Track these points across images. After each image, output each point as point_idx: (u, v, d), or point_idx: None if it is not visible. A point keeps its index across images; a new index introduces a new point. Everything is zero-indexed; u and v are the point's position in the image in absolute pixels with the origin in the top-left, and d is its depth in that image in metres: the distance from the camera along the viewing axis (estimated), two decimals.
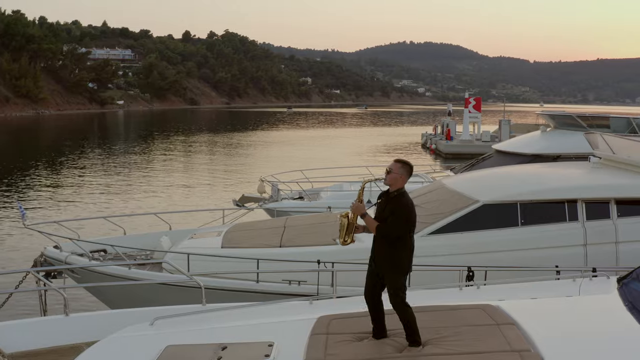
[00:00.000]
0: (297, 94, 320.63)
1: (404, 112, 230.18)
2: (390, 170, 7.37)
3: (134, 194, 34.70)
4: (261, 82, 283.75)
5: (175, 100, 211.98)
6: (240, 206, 22.08)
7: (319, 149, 67.37)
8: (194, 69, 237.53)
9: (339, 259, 12.08)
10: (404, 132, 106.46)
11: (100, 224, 17.81)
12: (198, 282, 9.36)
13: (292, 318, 8.15)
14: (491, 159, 23.90)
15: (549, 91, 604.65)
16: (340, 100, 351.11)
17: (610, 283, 9.04)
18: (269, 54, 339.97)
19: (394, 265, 7.27)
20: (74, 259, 13.58)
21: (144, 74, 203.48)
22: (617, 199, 13.18)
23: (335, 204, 19.56)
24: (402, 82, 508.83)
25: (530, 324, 7.44)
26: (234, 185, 38.72)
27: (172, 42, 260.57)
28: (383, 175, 7.56)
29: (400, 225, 7.22)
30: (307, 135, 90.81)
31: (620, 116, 26.02)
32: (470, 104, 67.58)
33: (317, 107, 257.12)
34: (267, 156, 58.07)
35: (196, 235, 14.86)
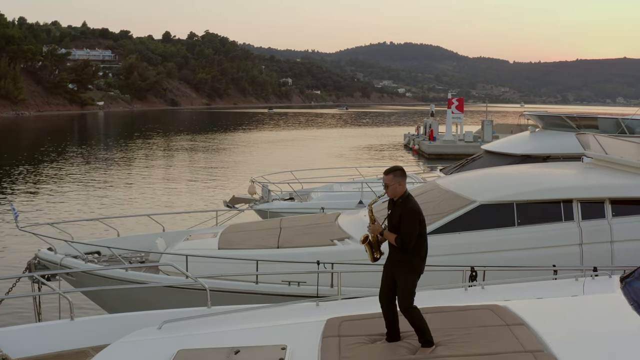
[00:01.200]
0: (278, 95, 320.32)
1: (384, 112, 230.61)
2: (387, 185, 7.51)
3: (124, 195, 34.56)
4: (241, 83, 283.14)
5: (156, 101, 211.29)
6: (231, 207, 22.04)
7: (303, 150, 67.37)
8: (174, 70, 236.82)
9: (338, 260, 12.11)
10: (386, 132, 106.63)
11: (93, 225, 17.76)
12: (203, 285, 9.31)
13: (301, 320, 8.14)
14: (481, 159, 23.97)
15: (528, 91, 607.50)
16: (321, 101, 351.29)
17: (612, 282, 9.10)
18: (249, 54, 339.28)
19: (407, 267, 7.36)
20: (69, 262, 13.48)
21: (124, 74, 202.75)
22: (612, 198, 13.29)
23: (327, 205, 19.59)
24: (383, 83, 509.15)
25: (539, 324, 7.48)
26: (222, 186, 38.69)
27: (152, 43, 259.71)
28: (381, 189, 7.75)
29: (414, 228, 7.31)
30: (291, 137, 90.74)
31: (608, 117, 26.17)
32: (453, 104, 67.75)
33: (298, 108, 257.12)
34: (253, 157, 57.95)
35: (191, 237, 14.80)
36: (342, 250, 12.89)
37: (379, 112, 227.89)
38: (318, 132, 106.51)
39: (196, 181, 41.02)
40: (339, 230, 14.17)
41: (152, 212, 18.00)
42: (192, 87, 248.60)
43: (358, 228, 14.09)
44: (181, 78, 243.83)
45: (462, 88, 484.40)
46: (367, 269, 11.48)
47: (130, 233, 16.78)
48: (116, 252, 13.61)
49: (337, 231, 14.09)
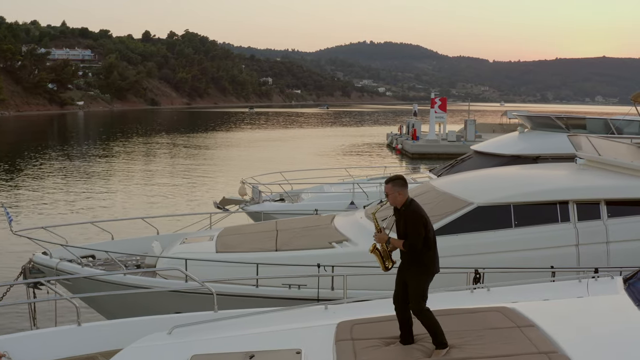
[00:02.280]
0: (258, 94, 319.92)
1: (365, 111, 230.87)
2: (387, 194, 7.70)
3: (114, 198, 34.39)
4: (222, 82, 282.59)
5: (136, 100, 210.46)
6: (221, 208, 22.00)
7: (288, 150, 67.34)
8: (154, 69, 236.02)
9: (338, 262, 12.13)
10: (368, 132, 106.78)
11: (85, 228, 17.64)
12: (209, 289, 9.29)
13: (312, 324, 8.15)
14: (470, 160, 24.02)
15: (508, 90, 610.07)
16: (301, 100, 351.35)
17: (615, 283, 9.19)
18: (230, 54, 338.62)
19: (417, 269, 7.47)
20: (65, 266, 13.42)
21: (104, 74, 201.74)
22: (607, 200, 13.42)
23: (318, 206, 19.62)
24: (363, 82, 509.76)
25: (549, 325, 7.56)
26: (210, 187, 38.65)
27: (132, 42, 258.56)
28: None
29: (420, 231, 7.44)
30: (274, 136, 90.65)
31: (597, 117, 26.35)
32: (436, 104, 67.95)
33: (278, 107, 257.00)
34: (239, 158, 57.82)
35: (188, 240, 14.74)
36: (342, 253, 12.91)
37: (360, 112, 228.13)
38: (301, 131, 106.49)
39: (184, 183, 40.87)
40: (337, 232, 14.19)
41: (145, 215, 17.88)
42: (172, 86, 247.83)
43: (355, 230, 14.12)
44: (161, 77, 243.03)
45: (442, 87, 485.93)
46: (373, 272, 11.54)
47: (124, 236, 16.66)
48: (113, 255, 13.53)
49: (334, 233, 14.11)
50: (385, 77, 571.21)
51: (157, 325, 8.49)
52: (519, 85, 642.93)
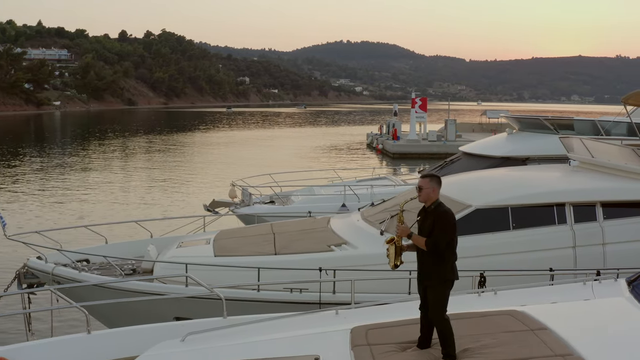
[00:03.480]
0: (235, 94, 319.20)
1: (342, 111, 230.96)
2: (422, 188, 7.56)
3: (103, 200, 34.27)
4: (199, 82, 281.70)
5: (113, 100, 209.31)
6: (211, 211, 21.97)
7: (270, 151, 67.33)
8: (131, 69, 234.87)
9: (339, 266, 12.14)
10: (348, 131, 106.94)
11: (78, 232, 17.52)
12: (219, 295, 9.26)
13: (325, 329, 8.16)
14: (459, 161, 24.10)
15: (485, 89, 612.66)
16: (279, 100, 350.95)
17: (619, 285, 9.30)
18: (206, 53, 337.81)
19: (439, 278, 7.42)
20: (60, 271, 13.32)
21: (81, 74, 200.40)
22: (603, 202, 13.54)
23: (309, 208, 19.67)
24: (340, 81, 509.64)
25: (561, 328, 7.65)
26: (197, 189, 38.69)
27: (108, 42, 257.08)
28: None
29: (447, 233, 7.37)
30: (254, 137, 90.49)
31: (585, 119, 26.57)
32: (417, 104, 68.16)
33: (256, 107, 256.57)
34: (222, 159, 57.64)
35: (184, 244, 14.67)
36: (343, 256, 12.92)
37: (337, 111, 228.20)
38: (280, 131, 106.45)
39: (171, 185, 40.73)
40: (334, 235, 14.20)
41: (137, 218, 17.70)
42: (149, 86, 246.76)
43: (353, 233, 14.16)
44: (138, 77, 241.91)
45: (419, 86, 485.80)
46: (380, 277, 11.59)
47: (117, 240, 16.59)
48: (110, 260, 13.48)
49: (332, 236, 14.13)
50: (362, 77, 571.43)
51: (168, 332, 8.46)
52: (496, 85, 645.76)
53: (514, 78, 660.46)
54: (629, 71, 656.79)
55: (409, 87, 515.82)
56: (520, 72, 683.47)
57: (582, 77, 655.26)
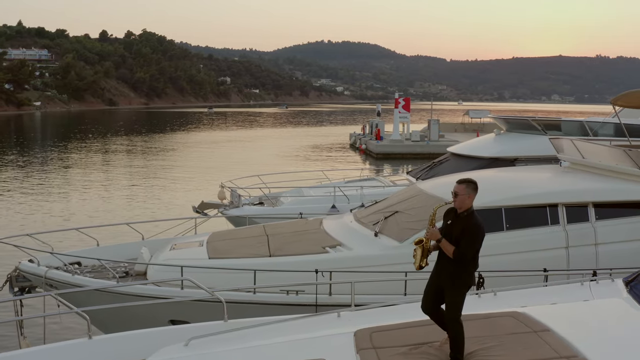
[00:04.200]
0: (216, 94, 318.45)
1: (324, 111, 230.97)
2: (457, 194, 7.44)
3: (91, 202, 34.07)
4: (180, 82, 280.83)
5: (93, 101, 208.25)
6: (200, 213, 21.90)
7: (254, 151, 67.22)
8: (111, 69, 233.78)
9: (336, 268, 12.14)
10: (330, 132, 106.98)
11: (69, 235, 17.39)
12: (220, 298, 9.23)
13: (328, 333, 8.17)
14: (448, 162, 24.21)
15: (465, 89, 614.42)
16: (260, 100, 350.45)
17: (617, 285, 9.38)
18: (187, 53, 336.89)
19: (457, 281, 7.40)
20: (53, 274, 13.24)
21: (61, 74, 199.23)
22: (595, 202, 13.67)
23: (300, 210, 19.68)
24: (321, 81, 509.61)
25: (564, 329, 7.71)
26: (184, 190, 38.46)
27: (89, 42, 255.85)
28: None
29: (474, 246, 7.33)
30: (237, 137, 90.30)
31: (572, 119, 26.76)
32: (400, 104, 68.24)
33: (237, 107, 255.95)
34: (207, 160, 57.40)
35: (177, 246, 14.60)
36: (339, 258, 12.92)
37: (319, 111, 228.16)
38: (263, 132, 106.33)
39: (157, 187, 40.48)
40: (328, 237, 14.21)
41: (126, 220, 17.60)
42: (130, 86, 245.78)
43: (347, 234, 14.17)
44: (119, 77, 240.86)
45: (400, 86, 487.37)
46: (381, 278, 11.62)
47: (108, 242, 16.49)
48: (104, 263, 13.41)
49: (326, 238, 14.13)
50: (343, 77, 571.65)
51: (170, 336, 8.42)
52: (476, 84, 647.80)
53: (494, 78, 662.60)
54: (609, 71, 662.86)
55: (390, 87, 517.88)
56: (501, 72, 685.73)
57: (563, 77, 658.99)
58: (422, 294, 11.03)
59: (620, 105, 17.65)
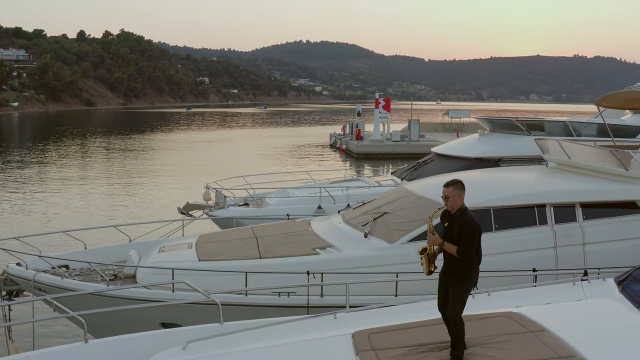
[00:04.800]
0: (195, 94, 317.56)
1: (302, 111, 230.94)
2: (448, 196, 7.71)
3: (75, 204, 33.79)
4: (158, 82, 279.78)
5: (71, 101, 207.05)
6: (185, 214, 21.85)
7: (234, 152, 67.12)
8: (89, 70, 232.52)
9: (327, 269, 12.17)
10: (310, 132, 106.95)
11: (54, 238, 17.30)
12: (216, 301, 9.21)
13: (326, 335, 8.18)
14: (432, 162, 24.29)
15: (444, 89, 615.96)
16: (238, 100, 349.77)
17: (608, 285, 9.48)
18: (166, 53, 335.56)
19: (460, 278, 7.60)
20: (42, 277, 13.14)
21: (39, 74, 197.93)
22: (582, 202, 13.79)
23: (286, 211, 19.66)
24: (299, 81, 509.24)
25: (559, 329, 7.79)
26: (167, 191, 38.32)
27: (67, 42, 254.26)
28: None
29: (474, 240, 7.59)
30: (217, 137, 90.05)
31: (555, 119, 26.95)
32: (380, 104, 68.40)
33: (215, 107, 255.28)
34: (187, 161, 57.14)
35: (166, 248, 14.55)
36: (330, 259, 12.93)
37: (298, 111, 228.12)
38: (242, 132, 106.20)
39: (140, 188, 40.25)
40: (318, 238, 14.22)
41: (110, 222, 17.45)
42: (108, 86, 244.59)
43: (336, 236, 14.19)
44: (97, 78, 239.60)
45: (379, 86, 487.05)
46: (375, 280, 11.66)
47: (95, 244, 16.40)
48: (94, 265, 13.36)
49: (316, 239, 14.13)
50: (321, 77, 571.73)
51: (167, 339, 8.41)
52: (455, 84, 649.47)
53: (472, 78, 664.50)
54: (587, 71, 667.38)
55: (368, 87, 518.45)
56: (479, 72, 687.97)
57: (540, 77, 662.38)
58: (415, 294, 11.20)
59: (604, 106, 17.80)
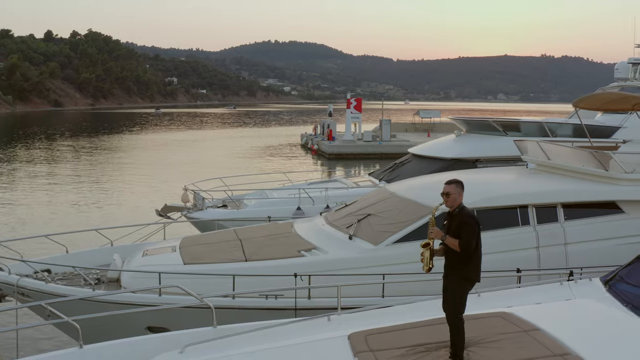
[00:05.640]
0: (163, 94, 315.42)
1: (272, 111, 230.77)
2: (449, 193, 8.01)
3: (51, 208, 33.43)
4: (126, 83, 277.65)
5: (39, 101, 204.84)
6: (164, 216, 21.79)
7: (207, 152, 66.83)
8: (57, 70, 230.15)
9: (314, 271, 12.23)
10: (280, 132, 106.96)
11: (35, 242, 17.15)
12: (209, 304, 9.21)
13: (321, 337, 8.25)
14: (410, 163, 24.41)
15: (412, 89, 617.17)
16: (207, 100, 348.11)
17: (594, 284, 9.67)
18: (134, 53, 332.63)
19: (461, 275, 7.77)
20: (26, 282, 13.06)
21: (6, 75, 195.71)
22: (563, 203, 14.01)
23: (265, 212, 19.76)
24: (268, 81, 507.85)
25: (552, 328, 7.95)
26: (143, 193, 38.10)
27: (34, 42, 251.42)
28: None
29: (474, 232, 7.77)
30: (188, 138, 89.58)
31: (531, 120, 27.23)
32: (352, 104, 68.57)
33: (185, 108, 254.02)
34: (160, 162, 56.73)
35: (149, 252, 14.49)
36: (317, 261, 12.99)
37: (267, 111, 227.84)
38: (213, 132, 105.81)
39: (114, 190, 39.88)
40: (302, 240, 14.27)
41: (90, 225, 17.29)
42: (76, 87, 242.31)
43: (321, 238, 14.26)
44: (64, 78, 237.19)
45: (348, 86, 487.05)
46: (366, 281, 11.73)
47: (77, 248, 16.29)
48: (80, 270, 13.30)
49: (300, 241, 14.19)
50: (290, 77, 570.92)
51: (162, 343, 8.42)
52: (423, 84, 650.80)
53: (441, 77, 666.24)
54: (554, 70, 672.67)
55: (337, 87, 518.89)
56: (448, 72, 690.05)
57: (508, 76, 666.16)
58: (401, 295, 11.32)
59: (582, 108, 18.02)
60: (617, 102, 17.30)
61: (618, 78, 29.07)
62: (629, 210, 14.16)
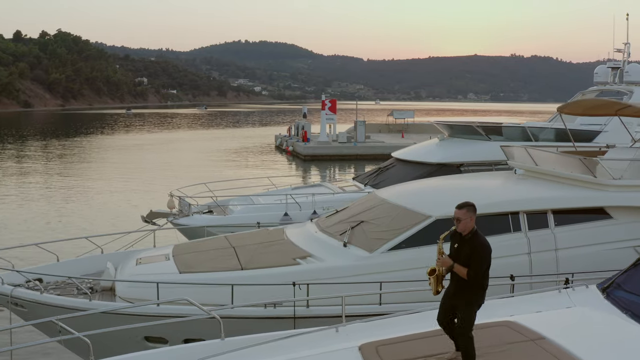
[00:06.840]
0: (133, 95, 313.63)
1: (242, 111, 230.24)
2: (460, 219, 7.89)
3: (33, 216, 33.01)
4: (96, 83, 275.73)
5: (8, 102, 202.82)
6: (149, 222, 21.72)
7: (181, 155, 66.58)
8: (26, 70, 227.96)
9: (311, 279, 12.27)
10: (253, 133, 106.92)
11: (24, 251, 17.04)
12: (216, 316, 9.22)
13: (332, 348, 8.31)
14: (394, 167, 24.50)
15: (382, 89, 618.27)
16: (177, 101, 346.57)
17: (592, 292, 9.80)
18: (103, 54, 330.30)
19: (469, 299, 7.76)
20: (20, 292, 12.97)
21: None
22: (554, 209, 14.19)
23: (252, 218, 19.83)
24: (239, 82, 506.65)
25: (558, 337, 8.12)
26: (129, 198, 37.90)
27: (2, 42, 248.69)
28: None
29: (484, 264, 7.77)
30: (160, 139, 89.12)
31: (514, 124, 27.41)
32: (327, 105, 68.65)
33: (155, 108, 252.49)
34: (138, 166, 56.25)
35: (142, 260, 14.44)
36: (314, 270, 13.05)
37: (238, 112, 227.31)
38: (186, 134, 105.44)
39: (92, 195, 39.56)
40: (296, 247, 14.32)
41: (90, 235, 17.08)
42: (46, 87, 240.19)
43: (314, 245, 14.32)
44: (34, 79, 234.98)
45: (318, 86, 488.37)
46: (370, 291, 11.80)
47: (67, 256, 16.20)
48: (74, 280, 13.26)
49: (294, 249, 14.24)
50: (261, 77, 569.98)
51: (173, 358, 8.41)
52: (393, 84, 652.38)
53: (411, 77, 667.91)
54: (524, 69, 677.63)
55: (307, 87, 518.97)
56: (418, 71, 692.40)
57: (478, 76, 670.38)
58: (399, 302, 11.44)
59: (567, 113, 18.21)
60: (601, 108, 17.50)
61: (597, 82, 29.41)
62: (617, 215, 14.38)
